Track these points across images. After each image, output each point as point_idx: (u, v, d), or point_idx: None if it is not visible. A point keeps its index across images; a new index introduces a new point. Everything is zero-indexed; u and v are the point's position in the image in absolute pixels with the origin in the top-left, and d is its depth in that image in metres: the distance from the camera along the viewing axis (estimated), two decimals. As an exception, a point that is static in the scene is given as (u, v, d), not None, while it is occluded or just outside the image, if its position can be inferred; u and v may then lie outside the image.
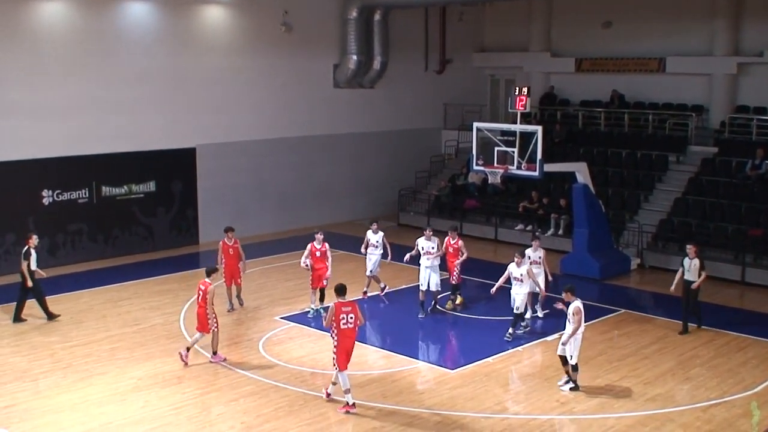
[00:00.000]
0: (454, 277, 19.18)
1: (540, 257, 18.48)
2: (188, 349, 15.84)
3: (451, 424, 13.42)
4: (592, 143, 29.23)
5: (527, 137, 20.54)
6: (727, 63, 28.56)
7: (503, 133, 21.66)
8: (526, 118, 26.94)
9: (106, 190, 24.24)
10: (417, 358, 16.31)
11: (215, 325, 15.81)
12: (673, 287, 18.14)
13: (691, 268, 17.92)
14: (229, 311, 18.86)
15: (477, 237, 27.37)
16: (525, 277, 17.28)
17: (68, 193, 23.52)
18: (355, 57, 28.91)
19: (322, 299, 18.76)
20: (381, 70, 29.84)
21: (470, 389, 14.81)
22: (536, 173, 20.58)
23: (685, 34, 29.42)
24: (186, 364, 15.67)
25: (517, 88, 20.84)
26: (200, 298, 15.80)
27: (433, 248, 18.80)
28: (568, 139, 29.69)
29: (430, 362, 16.16)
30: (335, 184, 30.04)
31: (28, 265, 18.24)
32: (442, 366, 15.99)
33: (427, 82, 32.58)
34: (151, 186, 25.21)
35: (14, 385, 14.72)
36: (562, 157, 26.18)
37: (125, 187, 24.67)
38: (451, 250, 19.11)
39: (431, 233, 19.14)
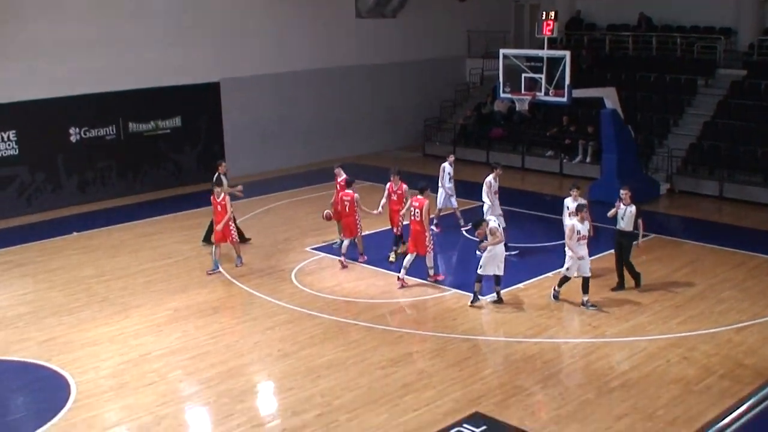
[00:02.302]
0: (397, 228, 17.96)
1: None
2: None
3: (484, 349, 13.57)
4: (619, 68, 28.82)
5: (554, 63, 20.30)
6: (756, -16, 27.94)
7: (529, 59, 21.40)
8: (553, 44, 26.55)
9: (132, 126, 24.31)
10: (449, 286, 16.37)
11: (431, 243, 16.34)
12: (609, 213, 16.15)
13: (625, 216, 15.72)
14: (209, 273, 17.21)
15: (503, 166, 27.18)
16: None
17: (95, 131, 23.62)
18: (377, -15, 28.53)
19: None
20: (403, -1, 29.43)
21: (502, 315, 14.92)
22: (564, 99, 20.41)
23: (714, -47, 28.77)
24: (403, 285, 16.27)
25: (544, 13, 20.50)
26: (416, 215, 16.17)
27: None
28: (595, 64, 29.29)
29: (462, 290, 16.21)
30: (360, 116, 29.91)
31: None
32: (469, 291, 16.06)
33: (450, 9, 31.98)
34: (177, 121, 25.24)
35: (52, 319, 14.99)
36: (589, 83, 25.82)
37: (152, 123, 24.73)
38: (394, 197, 17.80)
39: (500, 171, 18.46)
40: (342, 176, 18.41)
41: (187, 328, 14.51)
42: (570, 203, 16.66)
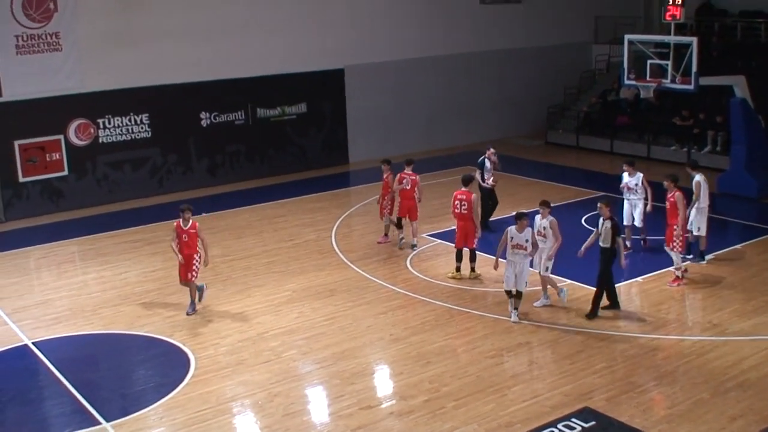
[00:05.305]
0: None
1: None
2: None
3: (598, 343, 13.39)
4: (751, 56, 27.61)
5: (682, 50, 19.71)
6: None
7: (657, 45, 20.85)
8: (682, 30, 25.75)
9: (260, 111, 25.05)
10: (564, 277, 16.20)
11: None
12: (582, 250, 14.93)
13: (602, 230, 14.29)
14: (189, 314, 14.91)
15: (628, 155, 26.57)
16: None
17: (225, 115, 24.47)
18: (501, -29, 28.31)
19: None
20: (529, -16, 29.08)
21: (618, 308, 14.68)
22: (691, 87, 19.81)
23: None
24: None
25: (671, -3, 19.96)
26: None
27: (636, 184, 17.34)
28: (725, 51, 28.19)
29: (577, 281, 16.00)
30: (482, 102, 29.79)
31: (482, 174, 18.95)
32: (589, 285, 15.82)
33: (577, -6, 31.52)
34: (302, 107, 25.85)
35: (177, 296, 15.65)
36: (719, 71, 24.90)
37: (278, 108, 25.41)
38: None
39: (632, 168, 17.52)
40: (387, 173, 18.19)
41: (304, 309, 14.97)
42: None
